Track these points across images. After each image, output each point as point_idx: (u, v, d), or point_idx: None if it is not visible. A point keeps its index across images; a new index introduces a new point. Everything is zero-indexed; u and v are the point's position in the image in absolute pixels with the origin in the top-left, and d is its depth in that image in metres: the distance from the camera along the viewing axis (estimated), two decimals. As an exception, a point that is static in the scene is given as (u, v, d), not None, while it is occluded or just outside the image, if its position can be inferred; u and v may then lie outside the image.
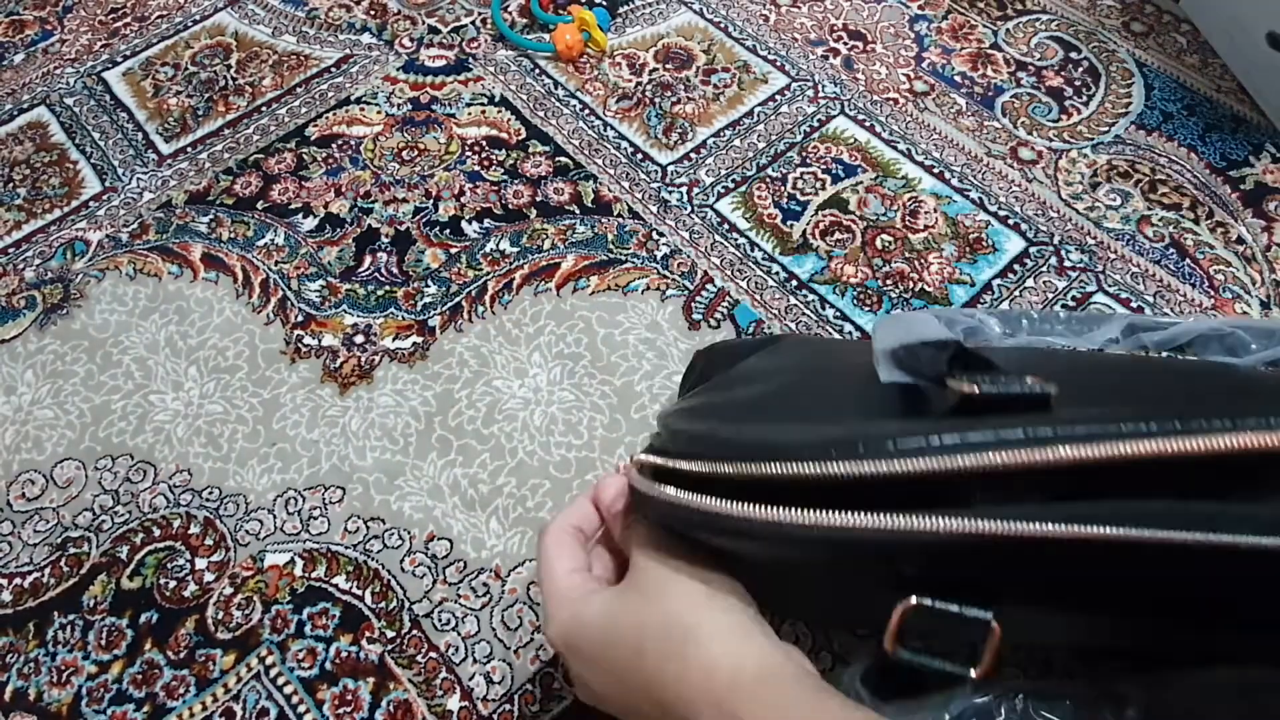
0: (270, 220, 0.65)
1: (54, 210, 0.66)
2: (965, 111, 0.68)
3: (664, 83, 0.72)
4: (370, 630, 0.48)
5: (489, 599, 0.48)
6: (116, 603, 0.49)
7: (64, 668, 0.47)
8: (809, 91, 0.70)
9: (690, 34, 0.75)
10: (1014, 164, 0.65)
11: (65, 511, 0.52)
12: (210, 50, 0.77)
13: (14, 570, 0.50)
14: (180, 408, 0.56)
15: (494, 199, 0.65)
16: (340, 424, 0.55)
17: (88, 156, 0.70)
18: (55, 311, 0.61)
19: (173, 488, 0.53)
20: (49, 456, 0.54)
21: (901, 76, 0.71)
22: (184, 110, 0.72)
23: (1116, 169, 0.64)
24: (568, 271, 0.61)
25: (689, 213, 0.63)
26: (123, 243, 0.64)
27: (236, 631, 0.48)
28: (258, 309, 0.60)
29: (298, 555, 0.50)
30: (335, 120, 0.71)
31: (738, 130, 0.68)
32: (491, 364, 0.57)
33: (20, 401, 0.57)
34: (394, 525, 0.51)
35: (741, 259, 0.61)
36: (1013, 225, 0.62)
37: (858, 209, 0.63)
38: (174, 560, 0.50)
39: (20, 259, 0.64)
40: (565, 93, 0.71)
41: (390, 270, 0.62)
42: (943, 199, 0.63)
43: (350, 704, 0.45)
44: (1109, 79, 0.70)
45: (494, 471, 0.53)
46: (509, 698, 0.45)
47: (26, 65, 0.76)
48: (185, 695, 0.46)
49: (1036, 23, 0.74)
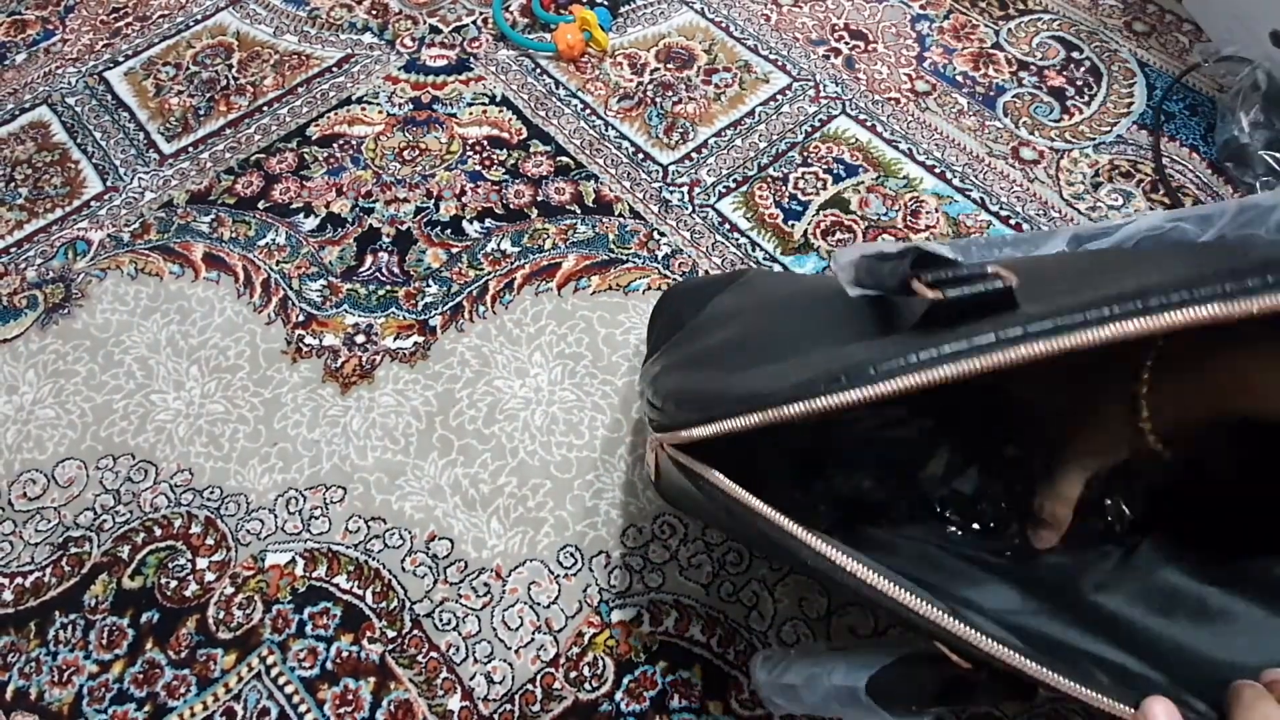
0: (272, 220, 0.65)
1: (56, 210, 0.66)
2: (967, 111, 0.68)
3: (665, 82, 0.72)
4: (371, 630, 0.48)
5: (490, 599, 0.48)
6: (118, 602, 0.49)
7: (65, 667, 0.47)
8: (810, 91, 0.70)
9: (691, 34, 0.75)
10: (1016, 164, 0.65)
11: (67, 511, 0.52)
12: (212, 50, 0.77)
13: (15, 570, 0.51)
14: (181, 407, 0.56)
15: (495, 199, 0.65)
16: (341, 424, 0.55)
17: (89, 156, 0.70)
18: (57, 311, 0.61)
19: (174, 487, 0.53)
20: (50, 456, 0.55)
21: (903, 76, 0.71)
22: (185, 110, 0.72)
23: (1118, 169, 0.64)
24: (569, 271, 0.61)
25: (690, 212, 0.63)
26: (124, 242, 0.64)
27: (237, 631, 0.48)
28: (259, 309, 0.60)
29: (299, 555, 0.50)
30: (337, 120, 0.71)
31: (739, 130, 0.68)
32: (493, 364, 0.57)
33: (22, 401, 0.57)
34: (395, 525, 0.51)
35: (743, 259, 0.61)
36: (1014, 225, 0.62)
37: (859, 209, 0.63)
38: (175, 560, 0.50)
39: (22, 258, 0.64)
40: (566, 92, 0.71)
41: (391, 270, 0.62)
42: (944, 199, 0.63)
43: (351, 704, 0.45)
44: (1111, 79, 0.70)
45: (495, 471, 0.53)
46: (509, 698, 0.45)
47: (28, 65, 0.76)
48: (186, 695, 0.46)
49: (1038, 22, 0.74)
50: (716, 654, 0.46)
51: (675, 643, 0.47)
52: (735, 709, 0.45)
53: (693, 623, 0.47)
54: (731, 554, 0.49)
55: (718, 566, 0.49)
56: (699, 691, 0.45)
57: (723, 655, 0.46)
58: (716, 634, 0.47)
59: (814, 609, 0.47)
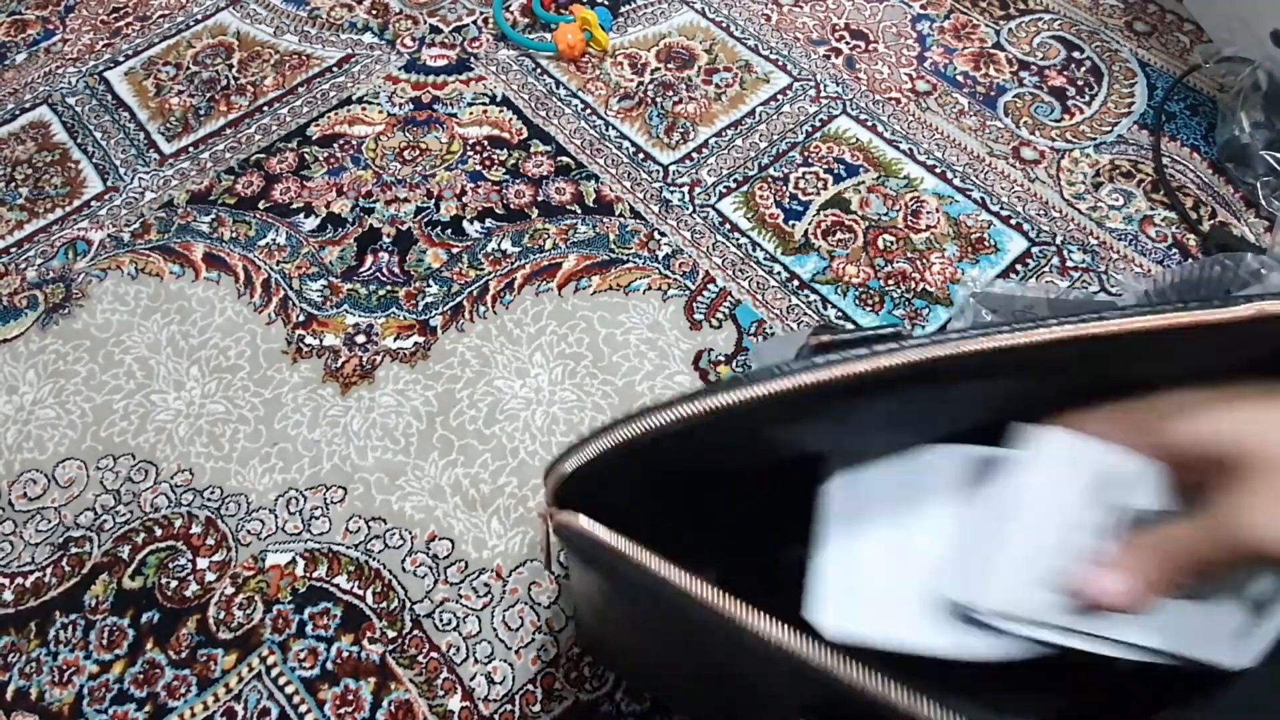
0: (272, 220, 0.65)
1: (56, 210, 0.66)
2: (967, 111, 0.68)
3: (666, 82, 0.72)
4: (371, 630, 0.47)
5: (490, 599, 0.48)
6: (118, 602, 0.49)
7: (65, 667, 0.47)
8: (811, 91, 0.70)
9: (692, 33, 0.75)
10: (1016, 164, 0.65)
11: (67, 511, 0.52)
12: (212, 50, 0.77)
13: (16, 570, 0.50)
14: (182, 407, 0.56)
15: (495, 198, 0.65)
16: (342, 424, 0.55)
17: (89, 156, 0.70)
18: (57, 311, 0.61)
19: (174, 487, 0.53)
20: (51, 456, 0.54)
21: (904, 76, 0.71)
22: (186, 110, 0.72)
23: (1119, 169, 0.64)
24: (569, 271, 0.61)
25: (691, 212, 0.63)
26: (124, 242, 0.64)
27: (238, 631, 0.48)
28: (259, 309, 0.60)
29: (299, 555, 0.50)
30: (337, 120, 0.71)
31: (739, 130, 0.68)
32: (493, 364, 0.57)
33: (22, 401, 0.57)
34: (395, 525, 0.51)
35: (743, 259, 0.61)
36: (1015, 225, 0.62)
37: (860, 209, 0.63)
38: (175, 560, 0.50)
39: (22, 258, 0.64)
40: (567, 92, 0.71)
41: (392, 270, 0.62)
42: (945, 199, 0.63)
43: (351, 704, 0.45)
44: (1111, 79, 0.70)
45: (495, 471, 0.53)
46: (510, 698, 0.45)
47: (29, 65, 0.76)
48: (186, 695, 0.46)
49: (1039, 22, 0.74)
50: (717, 654, 0.46)
51: (676, 643, 0.47)
52: (736, 709, 0.45)
53: (693, 623, 0.47)
54: (732, 554, 0.49)
55: (718, 567, 0.49)
56: (699, 692, 0.45)
57: (723, 655, 0.46)
58: (717, 634, 0.47)
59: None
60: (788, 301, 0.59)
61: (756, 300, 0.59)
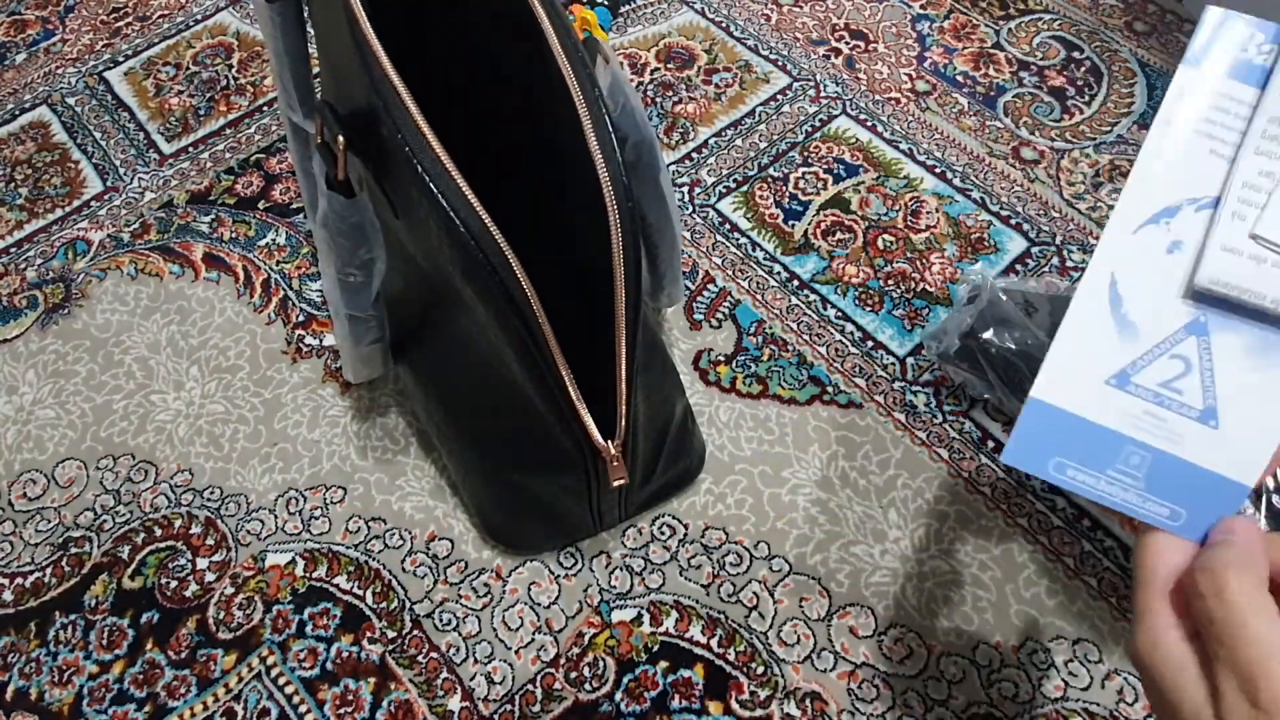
0: (272, 220, 0.65)
1: (55, 210, 0.66)
2: (967, 111, 0.68)
3: (665, 82, 0.72)
4: (371, 630, 0.48)
5: (490, 599, 0.48)
6: (118, 602, 0.49)
7: (65, 667, 0.47)
8: (811, 91, 0.70)
9: (692, 33, 0.75)
10: (1016, 164, 0.65)
11: (67, 511, 0.52)
12: (212, 50, 0.77)
13: (15, 570, 0.51)
14: (182, 407, 0.56)
15: (495, 199, 0.65)
16: (341, 424, 0.55)
17: (89, 156, 0.70)
18: (57, 311, 0.61)
19: (174, 487, 0.53)
20: (50, 456, 0.55)
21: (903, 76, 0.71)
22: (185, 110, 0.72)
23: (1119, 169, 0.64)
24: (569, 271, 0.61)
25: (690, 212, 0.63)
26: (124, 242, 0.64)
27: (238, 631, 0.48)
28: (259, 309, 0.60)
29: (299, 555, 0.50)
30: (337, 120, 0.71)
31: (739, 130, 0.68)
32: (493, 364, 0.57)
33: (22, 401, 0.57)
34: (395, 525, 0.51)
35: (743, 259, 0.61)
36: (1015, 225, 0.62)
37: (859, 209, 0.63)
38: (175, 560, 0.50)
39: (22, 258, 0.64)
40: (567, 92, 0.71)
41: (391, 270, 0.61)
42: (944, 199, 0.63)
43: (351, 704, 0.45)
44: (1111, 78, 0.70)
45: (495, 471, 0.53)
46: (510, 698, 0.45)
47: (28, 65, 0.76)
48: (186, 695, 0.46)
49: (1039, 22, 0.74)
50: (717, 654, 0.46)
51: (675, 643, 0.47)
52: (736, 709, 0.45)
53: (693, 623, 0.47)
54: (731, 555, 0.49)
55: (718, 567, 0.49)
56: (700, 691, 0.45)
57: (723, 655, 0.46)
58: (717, 634, 0.47)
59: (814, 610, 0.47)
60: (787, 301, 0.59)
61: (756, 300, 0.59)
